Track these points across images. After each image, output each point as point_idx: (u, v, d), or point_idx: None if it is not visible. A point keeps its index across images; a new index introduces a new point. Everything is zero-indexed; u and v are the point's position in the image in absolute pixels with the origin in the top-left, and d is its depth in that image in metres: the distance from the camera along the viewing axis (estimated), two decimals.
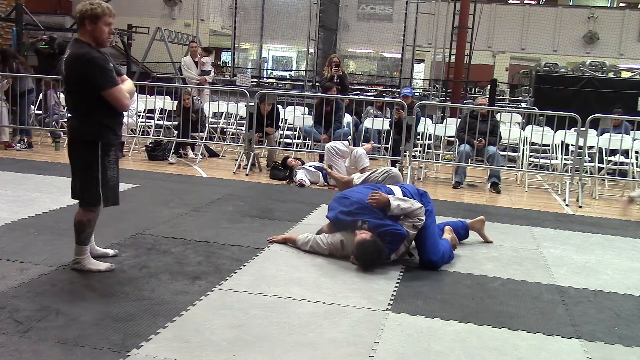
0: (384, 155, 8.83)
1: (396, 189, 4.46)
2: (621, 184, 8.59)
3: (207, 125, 9.24)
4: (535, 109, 10.57)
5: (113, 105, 3.63)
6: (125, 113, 4.07)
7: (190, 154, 9.07)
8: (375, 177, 4.90)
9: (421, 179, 8.45)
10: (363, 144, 8.24)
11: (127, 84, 3.79)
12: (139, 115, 9.18)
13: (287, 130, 9.51)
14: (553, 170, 8.67)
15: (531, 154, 8.73)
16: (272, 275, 3.92)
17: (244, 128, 8.80)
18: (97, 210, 3.77)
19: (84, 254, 3.76)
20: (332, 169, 7.07)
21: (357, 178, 5.06)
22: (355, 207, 4.25)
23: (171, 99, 9.79)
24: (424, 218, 4.24)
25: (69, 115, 3.81)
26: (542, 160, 8.70)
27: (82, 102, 3.63)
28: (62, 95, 8.28)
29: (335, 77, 9.50)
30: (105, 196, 3.70)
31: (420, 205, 4.26)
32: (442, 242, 4.47)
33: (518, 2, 25.76)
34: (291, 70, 20.95)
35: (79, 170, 3.71)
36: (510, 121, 9.49)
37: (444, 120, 9.60)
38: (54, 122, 9.55)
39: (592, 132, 8.41)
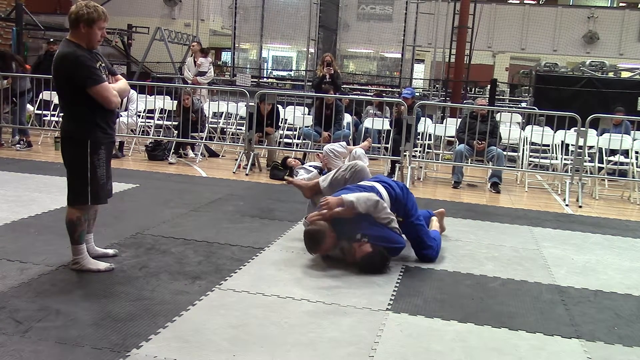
0: (384, 155, 8.83)
1: (380, 187, 4.33)
2: (621, 184, 8.59)
3: (207, 125, 9.24)
4: (535, 109, 10.57)
5: (101, 104, 3.64)
6: (124, 113, 4.08)
7: (190, 154, 9.08)
8: (342, 175, 4.59)
9: (421, 179, 8.45)
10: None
11: (119, 84, 3.81)
12: (139, 115, 9.18)
13: (287, 130, 9.52)
14: (553, 170, 8.67)
15: (531, 154, 8.73)
16: (272, 275, 3.92)
17: (244, 128, 8.80)
18: (86, 209, 3.77)
19: (81, 254, 3.76)
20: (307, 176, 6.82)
21: (322, 180, 4.69)
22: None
23: (171, 99, 9.79)
24: (390, 213, 4.18)
25: (61, 113, 3.83)
26: (542, 160, 8.70)
27: (70, 100, 3.65)
28: None
29: (327, 77, 9.45)
30: (93, 194, 3.70)
31: (377, 198, 4.13)
32: (431, 232, 4.57)
33: (518, 2, 25.75)
34: (291, 70, 20.92)
35: (68, 168, 3.72)
36: (510, 121, 9.48)
37: (444, 120, 9.60)
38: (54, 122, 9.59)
39: (592, 132, 8.41)
